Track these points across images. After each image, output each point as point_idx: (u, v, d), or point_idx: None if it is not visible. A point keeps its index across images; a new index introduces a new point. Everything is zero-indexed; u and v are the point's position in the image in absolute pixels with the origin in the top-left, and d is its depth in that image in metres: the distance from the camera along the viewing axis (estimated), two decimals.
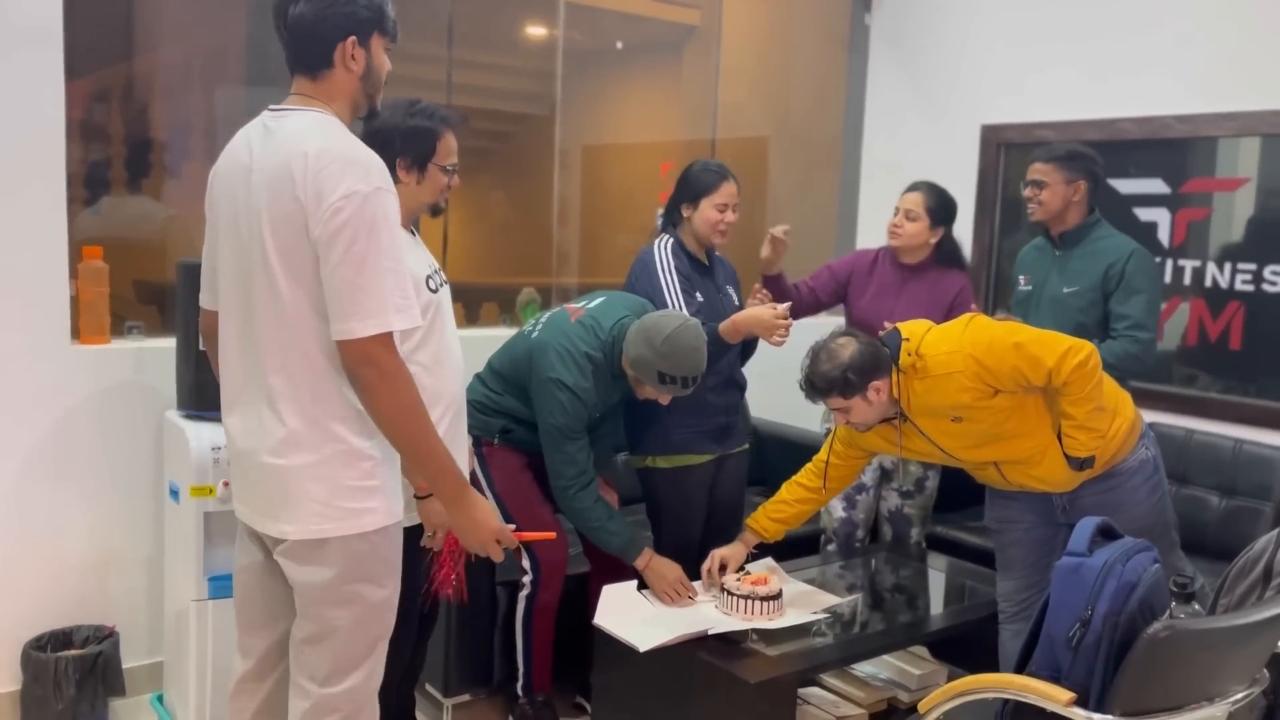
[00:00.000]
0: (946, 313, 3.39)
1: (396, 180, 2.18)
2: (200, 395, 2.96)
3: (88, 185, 3.48)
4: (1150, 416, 3.99)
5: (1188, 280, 4.02)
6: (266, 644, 2.20)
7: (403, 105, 2.47)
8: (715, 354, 3.07)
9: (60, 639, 3.17)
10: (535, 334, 3.05)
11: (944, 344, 2.68)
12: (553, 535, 2.71)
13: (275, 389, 1.96)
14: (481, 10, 4.22)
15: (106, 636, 3.19)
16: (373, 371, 1.89)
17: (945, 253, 3.51)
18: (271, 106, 2.04)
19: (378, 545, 2.04)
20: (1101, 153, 4.20)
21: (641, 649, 2.66)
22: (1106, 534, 2.22)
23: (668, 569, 2.99)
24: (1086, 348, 2.60)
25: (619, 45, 4.70)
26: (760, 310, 3.07)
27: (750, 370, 3.35)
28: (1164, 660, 1.94)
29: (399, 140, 2.43)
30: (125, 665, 3.24)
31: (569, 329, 2.99)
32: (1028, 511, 2.91)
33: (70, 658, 3.04)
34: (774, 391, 4.44)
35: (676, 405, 3.13)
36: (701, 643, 2.71)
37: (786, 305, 3.08)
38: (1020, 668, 2.19)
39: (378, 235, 1.89)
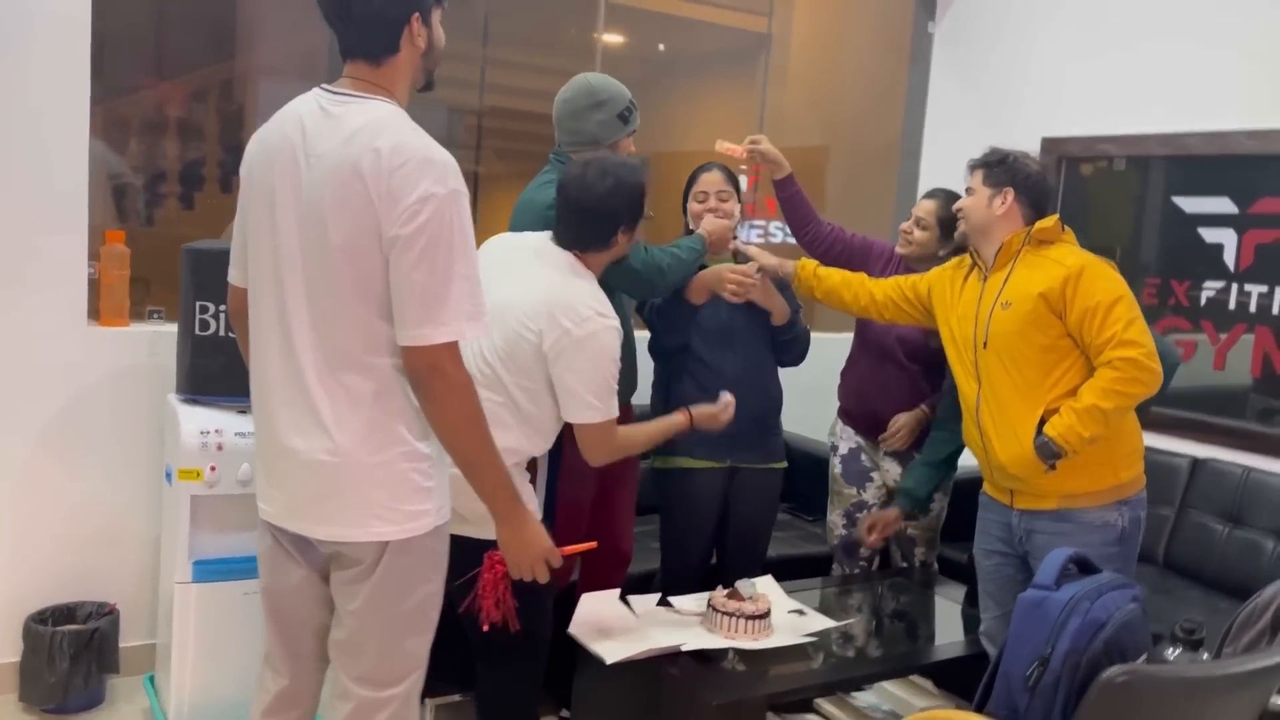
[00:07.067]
0: None
1: None
2: (197, 380, 2.98)
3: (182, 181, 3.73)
4: (1206, 452, 3.76)
5: (1254, 308, 3.74)
6: (306, 661, 2.14)
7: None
8: (682, 316, 3.05)
9: (63, 613, 3.22)
10: None
11: (1076, 249, 2.61)
12: (594, 545, 2.61)
13: (337, 386, 1.88)
14: (529, 10, 4.21)
15: (106, 614, 3.24)
16: (439, 380, 1.83)
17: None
18: (325, 86, 1.92)
19: (430, 545, 1.98)
20: (1167, 169, 4.00)
21: (608, 661, 2.57)
22: (1083, 567, 2.05)
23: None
24: (1152, 358, 2.44)
25: (660, 47, 4.63)
26: (719, 266, 3.05)
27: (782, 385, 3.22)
28: (1124, 708, 1.77)
29: None
30: (125, 644, 3.29)
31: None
32: (996, 542, 2.73)
33: (66, 633, 3.09)
34: (806, 408, 4.30)
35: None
36: (674, 659, 2.61)
37: (752, 265, 3.06)
38: (981, 706, 2.04)
39: (454, 239, 1.81)
